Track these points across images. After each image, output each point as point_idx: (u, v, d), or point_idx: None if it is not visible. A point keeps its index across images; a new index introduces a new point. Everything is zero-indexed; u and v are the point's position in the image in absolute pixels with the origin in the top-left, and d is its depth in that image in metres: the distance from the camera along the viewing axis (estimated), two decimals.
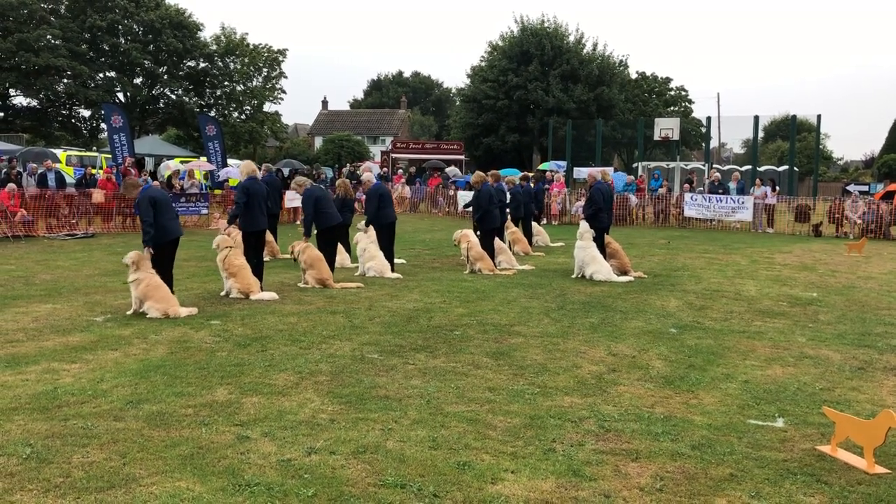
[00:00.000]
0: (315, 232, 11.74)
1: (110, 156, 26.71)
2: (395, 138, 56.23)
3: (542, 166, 37.36)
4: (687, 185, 26.69)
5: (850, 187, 37.33)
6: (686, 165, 35.44)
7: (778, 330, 8.76)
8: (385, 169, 40.70)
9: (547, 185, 25.90)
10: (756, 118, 33.47)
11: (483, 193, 13.24)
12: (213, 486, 4.27)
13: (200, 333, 8.02)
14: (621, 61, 55.51)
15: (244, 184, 10.68)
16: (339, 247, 13.69)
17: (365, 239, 12.65)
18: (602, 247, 12.84)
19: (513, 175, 18.15)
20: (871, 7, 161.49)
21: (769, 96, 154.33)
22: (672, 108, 62.34)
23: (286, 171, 31.61)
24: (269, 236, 15.15)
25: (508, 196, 15.33)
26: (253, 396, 5.89)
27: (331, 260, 11.65)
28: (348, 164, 40.86)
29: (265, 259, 14.48)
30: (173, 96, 47.99)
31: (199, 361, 6.89)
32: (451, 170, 37.95)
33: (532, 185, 18.63)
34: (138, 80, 46.89)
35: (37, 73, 40.68)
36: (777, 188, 25.11)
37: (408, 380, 6.44)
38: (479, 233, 13.37)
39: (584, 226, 12.64)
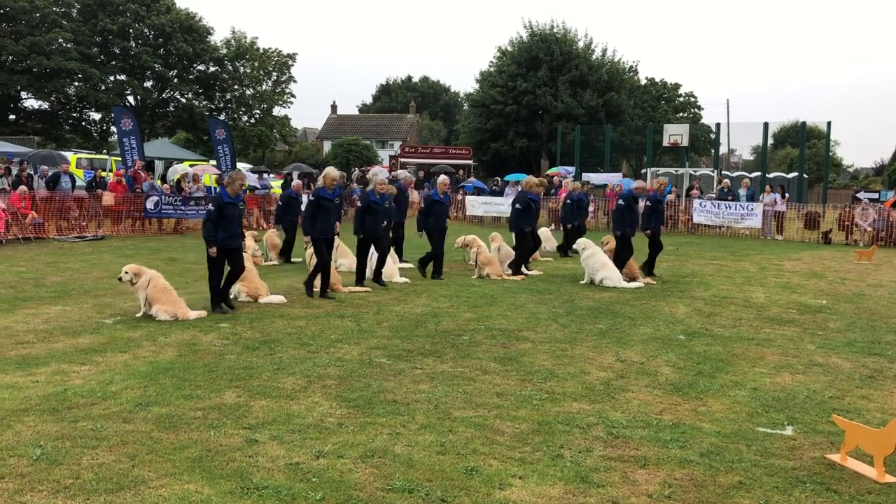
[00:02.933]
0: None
1: (120, 159, 26.83)
2: (404, 143, 56.32)
3: (550, 171, 37.35)
4: (696, 192, 26.62)
5: (860, 195, 37.16)
6: (695, 172, 35.37)
7: (787, 337, 8.73)
8: (393, 173, 40.72)
9: (554, 191, 25.88)
10: (766, 125, 33.40)
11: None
12: (222, 488, 4.28)
13: (209, 336, 8.05)
14: (631, 67, 55.53)
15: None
16: (347, 250, 13.74)
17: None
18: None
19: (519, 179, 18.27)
20: (882, 14, 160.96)
21: (779, 103, 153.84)
22: (681, 114, 62.21)
23: (295, 175, 31.75)
24: (277, 239, 15.29)
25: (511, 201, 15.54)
26: (261, 399, 5.91)
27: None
28: (356, 169, 40.98)
29: (274, 262, 14.62)
30: (183, 100, 48.22)
31: (207, 364, 6.91)
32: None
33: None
34: (148, 84, 47.17)
35: (48, 75, 40.95)
36: (786, 195, 25.03)
37: (416, 384, 6.44)
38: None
39: (580, 242, 12.86)
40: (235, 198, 9.42)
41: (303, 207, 13.24)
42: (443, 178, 13.04)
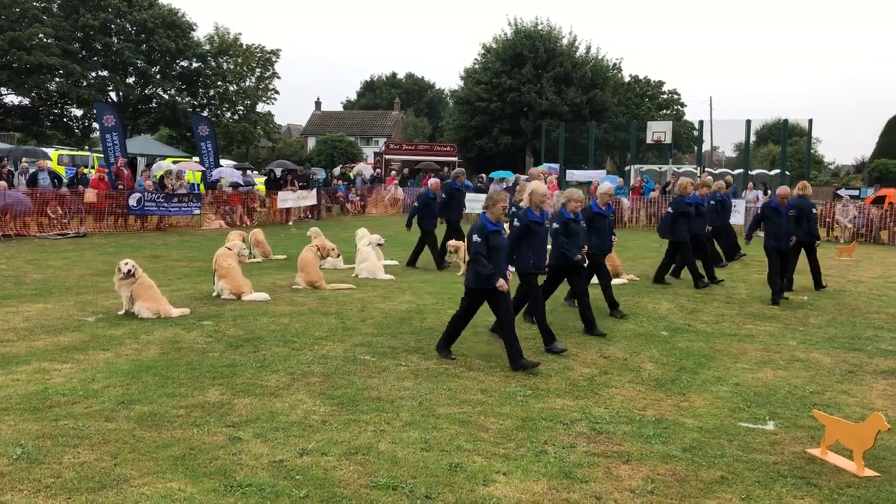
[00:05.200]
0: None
1: (102, 155, 26.58)
2: (389, 139, 56.26)
3: (536, 168, 37.42)
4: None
5: (841, 191, 37.49)
6: (678, 168, 35.54)
7: (769, 333, 8.81)
8: (378, 170, 40.71)
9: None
10: (748, 122, 33.64)
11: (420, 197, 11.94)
12: (205, 486, 4.27)
13: (192, 334, 8.00)
14: (614, 64, 55.86)
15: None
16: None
17: (361, 241, 12.67)
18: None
19: (509, 178, 18.13)
20: (864, 16, 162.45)
21: (761, 100, 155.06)
22: (665, 111, 62.54)
23: (278, 172, 31.60)
24: (261, 236, 15.20)
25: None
26: (245, 397, 5.89)
27: None
28: (340, 166, 40.89)
29: (258, 259, 14.53)
30: (166, 96, 47.81)
31: (190, 362, 6.87)
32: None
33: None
34: (131, 80, 46.69)
35: (29, 71, 40.46)
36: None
37: (400, 381, 6.44)
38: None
39: None
40: (497, 224, 7.29)
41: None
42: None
